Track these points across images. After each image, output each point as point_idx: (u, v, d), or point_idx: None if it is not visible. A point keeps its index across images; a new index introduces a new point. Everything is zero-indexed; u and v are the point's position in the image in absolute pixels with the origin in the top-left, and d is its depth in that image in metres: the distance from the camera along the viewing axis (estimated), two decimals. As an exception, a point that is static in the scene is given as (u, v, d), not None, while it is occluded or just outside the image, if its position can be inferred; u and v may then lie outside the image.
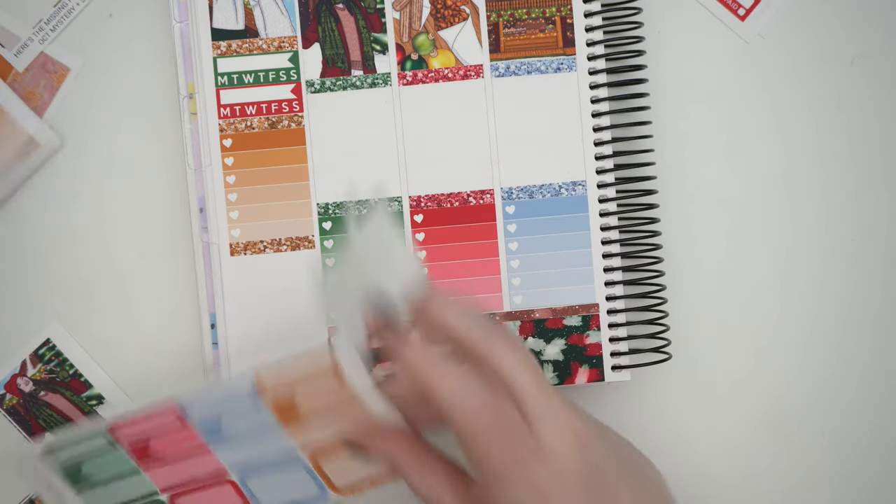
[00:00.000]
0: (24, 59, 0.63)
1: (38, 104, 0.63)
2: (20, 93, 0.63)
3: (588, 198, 0.61)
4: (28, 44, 0.63)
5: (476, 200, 0.61)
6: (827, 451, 0.64)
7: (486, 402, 0.48)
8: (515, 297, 0.61)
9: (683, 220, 0.64)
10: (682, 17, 0.64)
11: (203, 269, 0.62)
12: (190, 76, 0.62)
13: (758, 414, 0.64)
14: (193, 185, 0.62)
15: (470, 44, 0.61)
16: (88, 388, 0.64)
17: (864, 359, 0.64)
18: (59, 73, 0.63)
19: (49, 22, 0.63)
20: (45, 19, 0.63)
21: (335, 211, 0.61)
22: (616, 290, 0.61)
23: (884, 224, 0.64)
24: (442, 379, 0.48)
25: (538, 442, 0.48)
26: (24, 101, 0.63)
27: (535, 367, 0.49)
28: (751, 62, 0.64)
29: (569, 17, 0.61)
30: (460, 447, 0.49)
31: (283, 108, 0.61)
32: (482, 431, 0.48)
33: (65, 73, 0.63)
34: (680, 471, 0.64)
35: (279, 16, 0.61)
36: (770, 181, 0.64)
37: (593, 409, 0.64)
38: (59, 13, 0.63)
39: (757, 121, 0.64)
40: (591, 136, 0.61)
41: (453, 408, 0.48)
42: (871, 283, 0.64)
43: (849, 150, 0.64)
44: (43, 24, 0.63)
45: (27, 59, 0.63)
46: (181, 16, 0.61)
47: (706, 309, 0.64)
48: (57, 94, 0.63)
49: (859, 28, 0.64)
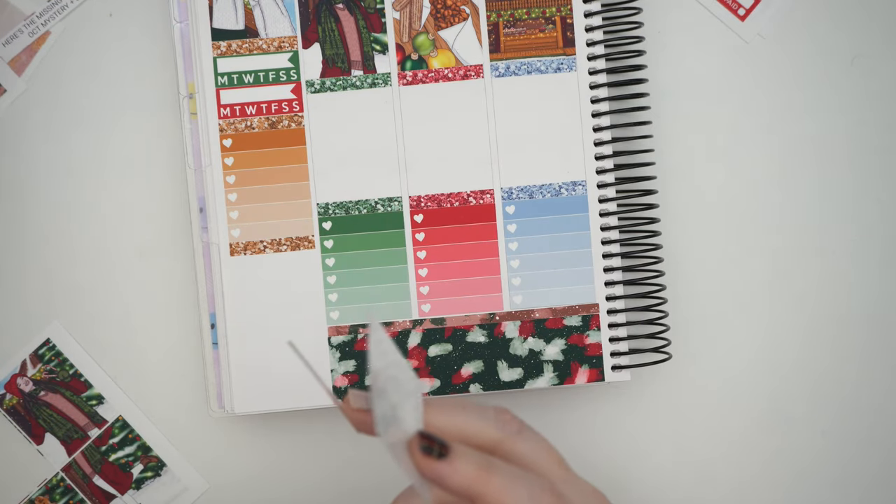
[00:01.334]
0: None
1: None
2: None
3: (588, 198, 0.61)
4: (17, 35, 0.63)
5: (476, 200, 0.61)
6: (826, 450, 0.64)
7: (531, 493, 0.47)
8: (515, 297, 0.61)
9: (683, 220, 0.64)
10: (682, 17, 0.64)
11: (203, 269, 0.62)
12: (190, 76, 0.62)
13: (757, 413, 0.64)
14: (193, 185, 0.62)
15: (470, 44, 0.61)
16: (88, 388, 0.64)
17: (863, 358, 0.64)
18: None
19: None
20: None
21: (335, 211, 0.61)
22: (616, 290, 0.61)
23: (882, 224, 0.64)
24: (499, 479, 0.46)
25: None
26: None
27: (552, 448, 0.49)
28: (751, 62, 0.64)
29: (569, 17, 0.61)
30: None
31: (283, 108, 0.61)
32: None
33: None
34: (679, 470, 0.64)
35: (279, 16, 0.61)
36: (769, 181, 0.64)
37: (593, 409, 0.64)
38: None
39: (757, 121, 0.64)
40: (591, 136, 0.61)
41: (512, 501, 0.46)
42: (870, 283, 0.64)
43: (848, 150, 0.64)
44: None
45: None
46: (181, 16, 0.61)
47: (706, 309, 0.64)
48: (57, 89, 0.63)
49: (859, 28, 0.64)
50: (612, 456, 0.64)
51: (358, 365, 0.61)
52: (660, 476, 0.64)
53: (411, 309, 0.61)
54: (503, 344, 0.61)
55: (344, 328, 0.61)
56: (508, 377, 0.61)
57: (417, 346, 0.61)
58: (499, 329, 0.61)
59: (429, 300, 0.61)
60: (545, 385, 0.61)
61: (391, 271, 0.61)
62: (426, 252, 0.61)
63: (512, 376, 0.61)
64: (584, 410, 0.64)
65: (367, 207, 0.61)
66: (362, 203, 0.61)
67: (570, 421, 0.64)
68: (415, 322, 0.61)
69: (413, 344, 0.61)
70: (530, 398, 0.64)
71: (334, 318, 0.61)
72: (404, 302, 0.61)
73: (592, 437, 0.64)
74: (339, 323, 0.61)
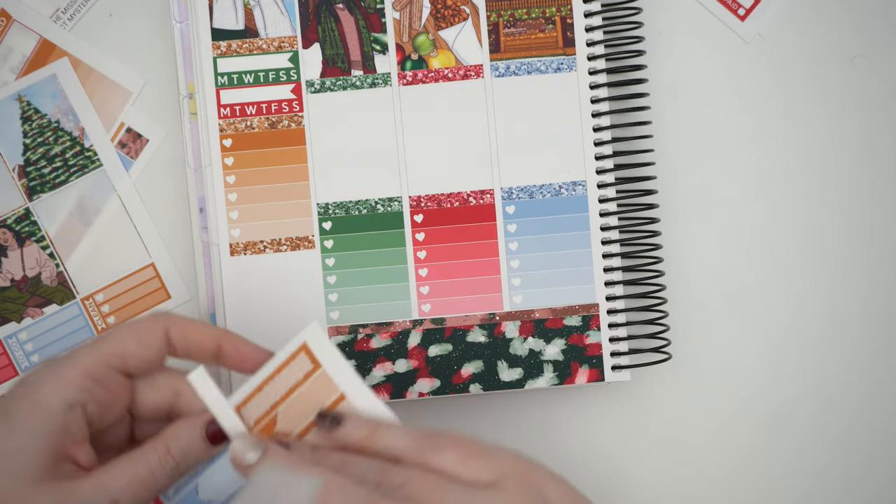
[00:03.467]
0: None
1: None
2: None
3: (588, 198, 0.61)
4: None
5: (476, 200, 0.61)
6: (827, 450, 0.64)
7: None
8: (515, 297, 0.61)
9: (683, 220, 0.64)
10: (682, 17, 0.64)
11: (203, 269, 0.62)
12: (190, 76, 0.62)
13: (757, 413, 0.64)
14: (193, 185, 0.62)
15: (470, 44, 0.61)
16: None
17: (864, 358, 0.64)
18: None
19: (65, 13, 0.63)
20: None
21: (335, 211, 0.61)
22: (616, 290, 0.61)
23: (882, 224, 0.64)
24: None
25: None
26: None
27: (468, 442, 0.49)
28: (751, 62, 0.64)
29: (569, 17, 0.61)
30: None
31: (283, 108, 0.61)
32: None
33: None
34: (679, 470, 0.64)
35: (279, 16, 0.61)
36: (770, 181, 0.64)
37: (593, 409, 0.64)
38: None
39: (757, 121, 0.64)
40: (591, 136, 0.61)
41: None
42: (870, 282, 0.64)
43: (849, 149, 0.64)
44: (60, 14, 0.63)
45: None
46: (181, 16, 0.61)
47: (706, 309, 0.64)
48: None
49: (859, 28, 0.64)
50: (612, 456, 0.64)
51: (358, 365, 0.61)
52: (660, 476, 0.64)
53: (411, 309, 0.61)
54: (503, 344, 0.61)
55: (344, 328, 0.61)
56: (508, 377, 0.61)
57: (417, 346, 0.61)
58: (499, 329, 0.61)
59: (429, 300, 0.61)
60: (545, 385, 0.61)
61: (391, 271, 0.61)
62: (426, 252, 0.61)
63: (512, 376, 0.61)
64: (584, 410, 0.64)
65: (367, 207, 0.61)
66: (362, 203, 0.61)
67: (570, 421, 0.64)
68: (415, 322, 0.61)
69: (413, 344, 0.61)
70: (530, 398, 0.64)
71: (334, 318, 0.61)
72: (404, 302, 0.61)
73: (592, 437, 0.64)
74: (339, 323, 0.61)
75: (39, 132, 0.63)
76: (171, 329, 0.51)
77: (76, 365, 0.49)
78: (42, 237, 0.63)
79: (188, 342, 0.51)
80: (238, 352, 0.52)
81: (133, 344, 0.50)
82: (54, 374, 0.49)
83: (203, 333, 0.51)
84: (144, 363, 0.51)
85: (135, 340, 0.51)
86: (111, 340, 0.50)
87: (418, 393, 0.61)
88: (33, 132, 0.63)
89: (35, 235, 0.63)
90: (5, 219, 0.63)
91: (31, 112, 0.63)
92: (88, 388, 0.49)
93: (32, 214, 0.63)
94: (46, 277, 0.63)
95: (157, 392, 0.52)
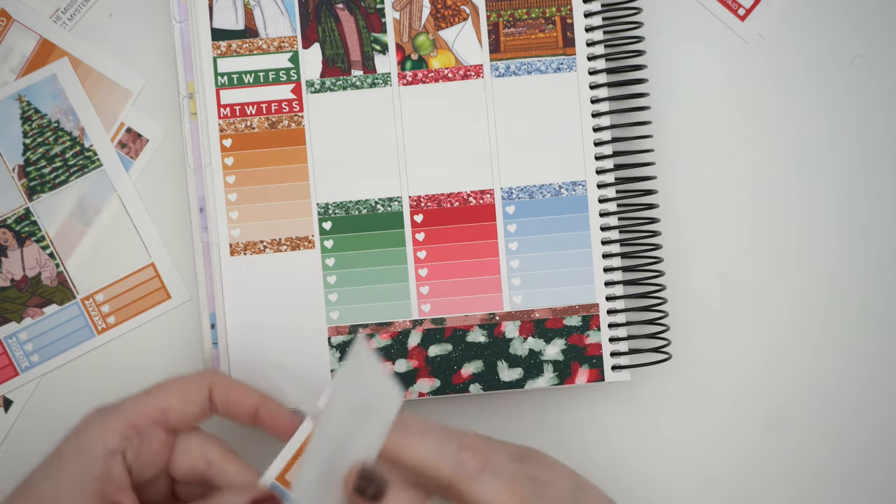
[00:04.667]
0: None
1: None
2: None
3: (588, 198, 0.61)
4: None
5: (476, 200, 0.61)
6: (826, 449, 0.64)
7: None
8: (515, 297, 0.61)
9: (683, 220, 0.64)
10: (682, 17, 0.64)
11: (203, 269, 0.62)
12: (190, 76, 0.61)
13: (757, 413, 0.64)
14: (193, 185, 0.62)
15: (470, 44, 0.61)
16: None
17: (863, 357, 0.64)
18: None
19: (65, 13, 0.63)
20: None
21: (335, 211, 0.61)
22: (616, 290, 0.61)
23: (882, 224, 0.64)
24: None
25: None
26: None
27: (518, 489, 0.50)
28: (751, 62, 0.64)
29: (569, 17, 0.61)
30: None
31: (283, 108, 0.61)
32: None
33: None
34: (679, 471, 0.64)
35: (279, 16, 0.61)
36: (770, 181, 0.64)
37: (593, 409, 0.64)
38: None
39: (757, 121, 0.64)
40: (591, 136, 0.61)
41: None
42: (869, 282, 0.64)
43: (849, 150, 0.64)
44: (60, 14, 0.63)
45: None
46: (181, 16, 0.61)
47: (706, 309, 0.64)
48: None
49: (859, 29, 0.64)
50: (611, 456, 0.64)
51: (358, 365, 0.61)
52: (660, 476, 0.64)
53: (411, 309, 0.61)
54: (503, 344, 0.61)
55: (344, 328, 0.61)
56: (508, 377, 0.61)
57: (417, 346, 0.61)
58: (499, 329, 0.61)
59: (429, 300, 0.61)
60: (545, 385, 0.61)
61: (391, 271, 0.61)
62: (426, 252, 0.61)
63: (512, 376, 0.61)
64: (584, 410, 0.64)
65: (367, 207, 0.61)
66: (362, 203, 0.61)
67: (570, 421, 0.64)
68: (415, 322, 0.61)
69: (413, 344, 0.61)
70: (530, 398, 0.64)
71: (334, 318, 0.61)
72: (404, 302, 0.61)
73: (592, 437, 0.64)
74: (339, 323, 0.61)
75: (39, 132, 0.63)
76: (215, 388, 0.54)
77: (121, 414, 0.52)
78: (42, 237, 0.63)
79: (229, 403, 0.54)
80: (273, 419, 0.54)
81: (178, 400, 0.53)
82: (101, 420, 0.52)
83: (245, 396, 0.54)
84: (186, 418, 0.53)
85: (181, 397, 0.53)
86: (158, 394, 0.53)
87: (418, 393, 0.61)
88: (33, 132, 0.63)
89: (35, 235, 0.63)
90: (5, 219, 0.63)
91: (31, 112, 0.63)
92: (130, 437, 0.52)
93: (32, 214, 0.63)
94: (46, 277, 0.63)
95: (189, 458, 0.53)
